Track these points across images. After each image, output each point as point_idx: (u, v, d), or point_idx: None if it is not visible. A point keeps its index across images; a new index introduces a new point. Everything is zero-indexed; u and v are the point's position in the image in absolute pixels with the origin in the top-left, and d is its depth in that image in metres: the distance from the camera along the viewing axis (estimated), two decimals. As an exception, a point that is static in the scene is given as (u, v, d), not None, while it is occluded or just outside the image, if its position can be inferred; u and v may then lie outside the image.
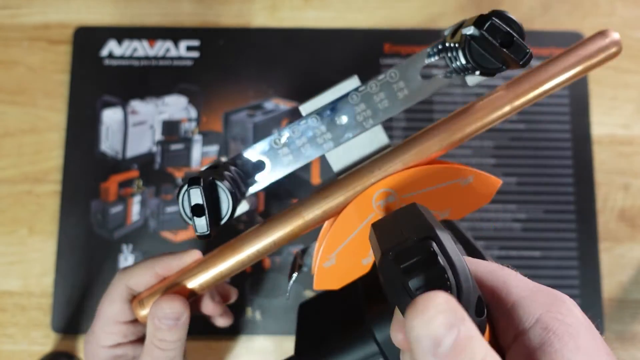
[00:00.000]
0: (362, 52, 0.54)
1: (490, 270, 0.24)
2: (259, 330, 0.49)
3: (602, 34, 0.33)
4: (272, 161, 0.33)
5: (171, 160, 0.52)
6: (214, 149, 0.53)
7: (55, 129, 0.53)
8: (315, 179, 0.52)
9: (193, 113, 0.53)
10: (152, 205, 0.51)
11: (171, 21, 0.55)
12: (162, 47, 0.54)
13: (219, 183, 0.29)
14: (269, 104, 0.53)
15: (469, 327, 0.18)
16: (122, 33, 0.54)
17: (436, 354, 0.18)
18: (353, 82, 0.33)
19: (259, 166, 0.33)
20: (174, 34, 0.55)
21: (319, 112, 0.33)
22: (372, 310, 0.27)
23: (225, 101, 0.53)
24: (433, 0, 0.56)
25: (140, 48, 0.54)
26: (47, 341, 0.49)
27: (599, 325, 0.49)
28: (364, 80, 0.33)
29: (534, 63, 0.54)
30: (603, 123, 0.53)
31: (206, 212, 0.28)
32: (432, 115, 0.53)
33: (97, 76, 0.54)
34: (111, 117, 0.53)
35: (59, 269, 0.50)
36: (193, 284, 0.34)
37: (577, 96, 0.53)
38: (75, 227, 0.51)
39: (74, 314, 0.50)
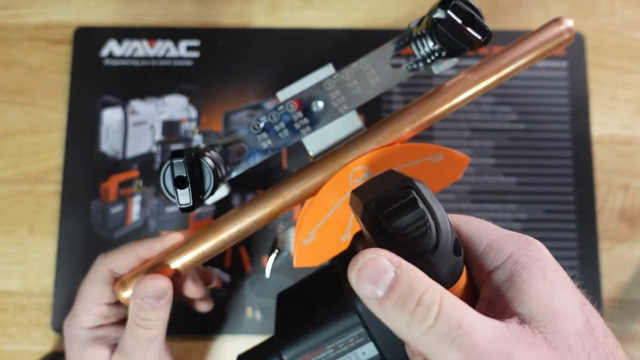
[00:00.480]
0: (362, 52, 0.54)
1: (465, 220, 0.26)
2: (259, 330, 0.49)
3: (557, 21, 0.37)
4: (251, 146, 0.34)
5: (171, 160, 0.52)
6: (214, 149, 0.53)
7: (55, 129, 0.53)
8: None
9: (193, 113, 0.53)
10: (152, 205, 0.51)
11: (171, 21, 0.55)
12: (162, 47, 0.54)
13: (202, 159, 0.30)
14: (269, 104, 0.53)
15: (407, 267, 0.21)
16: (122, 33, 0.54)
17: (375, 300, 0.21)
18: (328, 70, 0.35)
19: (239, 151, 0.34)
20: (174, 34, 0.55)
21: (296, 99, 0.34)
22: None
23: (225, 101, 0.53)
24: (433, 1, 0.56)
25: (140, 48, 0.54)
26: (47, 341, 0.49)
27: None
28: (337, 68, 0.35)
29: (537, 66, 0.54)
30: (603, 123, 0.53)
31: (189, 183, 0.29)
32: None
33: (97, 76, 0.54)
34: (111, 117, 0.53)
35: (59, 269, 0.50)
36: (176, 264, 0.34)
37: (577, 96, 0.53)
38: (76, 227, 0.51)
39: (74, 314, 0.49)
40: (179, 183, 0.29)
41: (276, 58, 0.54)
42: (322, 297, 0.34)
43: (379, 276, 0.21)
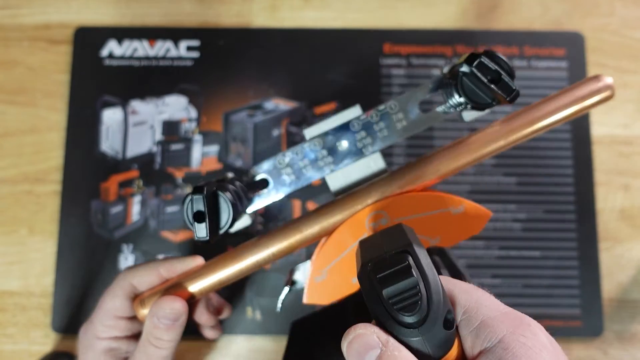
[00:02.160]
0: (362, 52, 0.54)
1: (466, 290, 0.25)
2: (259, 330, 0.49)
3: (595, 78, 0.35)
4: (275, 180, 0.35)
5: (171, 160, 0.52)
6: (214, 149, 0.53)
7: (55, 129, 0.53)
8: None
9: (193, 113, 0.53)
10: (152, 205, 0.51)
11: (171, 21, 0.55)
12: (162, 47, 0.54)
13: (221, 194, 0.31)
14: (269, 104, 0.53)
15: (393, 347, 0.22)
16: (122, 33, 0.54)
17: None
18: (355, 111, 0.35)
19: (263, 184, 0.35)
20: (174, 34, 0.55)
21: (321, 137, 0.34)
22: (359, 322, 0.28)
23: (225, 101, 0.53)
24: (433, 1, 0.56)
25: (141, 48, 0.54)
26: (47, 341, 0.49)
27: (599, 326, 0.50)
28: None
29: (538, 66, 0.54)
30: (603, 123, 0.53)
31: (207, 219, 0.30)
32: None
33: (97, 76, 0.54)
34: (111, 117, 0.53)
35: (59, 269, 0.50)
36: (193, 287, 0.35)
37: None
38: (76, 227, 0.51)
39: (74, 314, 0.50)
40: (198, 217, 0.30)
41: (276, 58, 0.54)
42: (331, 334, 0.34)
43: (366, 351, 0.22)
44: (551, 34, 0.55)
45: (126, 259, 0.50)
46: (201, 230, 0.30)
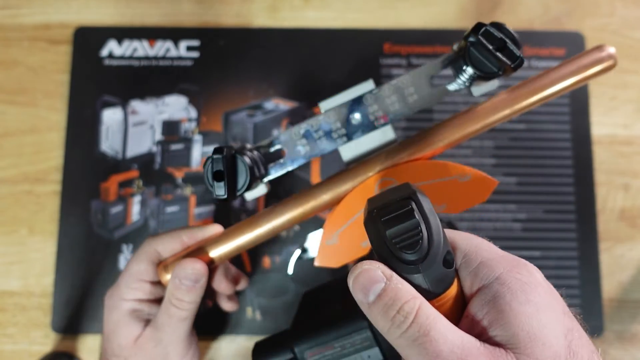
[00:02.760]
0: (362, 52, 0.54)
1: (466, 237, 0.27)
2: (259, 330, 0.49)
3: (599, 47, 0.36)
4: (290, 151, 0.36)
5: (171, 160, 0.52)
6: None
7: (55, 129, 0.53)
8: (316, 178, 0.52)
9: (193, 113, 0.53)
10: (152, 205, 0.51)
11: (171, 21, 0.55)
12: (162, 47, 0.54)
13: (239, 157, 0.33)
14: (269, 104, 0.53)
15: (396, 280, 0.24)
16: (122, 33, 0.54)
17: (365, 304, 0.24)
18: (368, 85, 0.36)
19: (279, 154, 0.37)
20: (174, 34, 0.55)
21: (335, 109, 0.36)
22: None
23: (225, 101, 0.53)
24: (433, 0, 0.56)
25: (140, 48, 0.54)
26: (47, 341, 0.49)
27: (599, 326, 0.49)
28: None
29: (538, 66, 0.54)
30: (603, 123, 0.53)
31: (225, 178, 0.32)
32: (431, 115, 0.53)
33: (97, 76, 0.54)
34: (111, 117, 0.53)
35: (59, 269, 0.50)
36: (214, 253, 0.38)
37: (577, 96, 0.53)
38: (76, 227, 0.51)
39: (74, 314, 0.50)
40: (217, 176, 0.32)
41: (276, 58, 0.54)
42: (338, 299, 0.36)
43: (371, 285, 0.24)
44: (551, 33, 0.55)
45: (126, 259, 0.50)
46: (220, 189, 0.32)
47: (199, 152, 0.53)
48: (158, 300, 0.40)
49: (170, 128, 0.53)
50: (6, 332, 0.50)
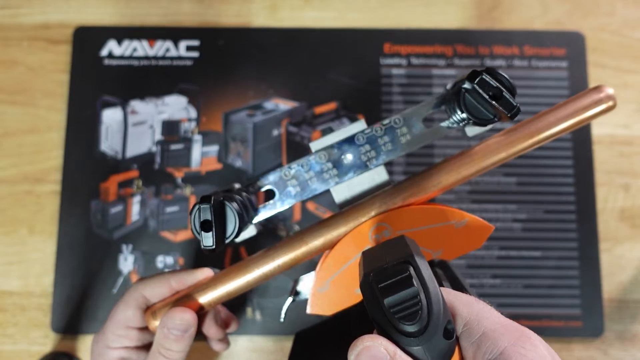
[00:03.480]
0: (362, 52, 0.54)
1: (467, 302, 0.25)
2: (259, 330, 0.49)
3: (597, 88, 0.35)
4: (280, 191, 0.36)
5: (171, 160, 0.52)
6: (213, 148, 0.53)
7: (55, 129, 0.53)
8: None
9: (193, 113, 0.53)
10: (151, 205, 0.51)
11: (171, 21, 0.55)
12: (162, 47, 0.54)
13: (227, 204, 0.32)
14: (269, 104, 0.53)
15: (400, 359, 0.22)
16: (122, 33, 0.54)
17: None
18: (360, 125, 0.35)
19: (269, 195, 0.36)
20: (174, 34, 0.55)
21: (327, 150, 0.35)
22: (361, 334, 0.28)
23: (225, 101, 0.53)
24: (433, 1, 0.56)
25: (140, 48, 0.54)
26: (47, 341, 0.49)
27: (600, 326, 0.49)
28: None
29: (538, 66, 0.54)
30: (603, 123, 0.53)
31: (213, 228, 0.31)
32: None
33: (97, 76, 0.54)
34: (111, 117, 0.53)
35: (59, 269, 0.50)
36: (203, 299, 0.36)
37: (577, 96, 0.53)
38: (75, 227, 0.51)
39: (73, 314, 0.49)
40: (205, 226, 0.31)
41: (276, 58, 0.54)
42: (334, 344, 0.35)
43: None
44: (551, 33, 0.55)
45: (126, 259, 0.50)
46: (208, 239, 0.31)
47: (198, 152, 0.53)
48: (146, 347, 0.39)
49: (170, 128, 0.53)
50: (6, 332, 0.50)
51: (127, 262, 0.50)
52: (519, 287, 0.50)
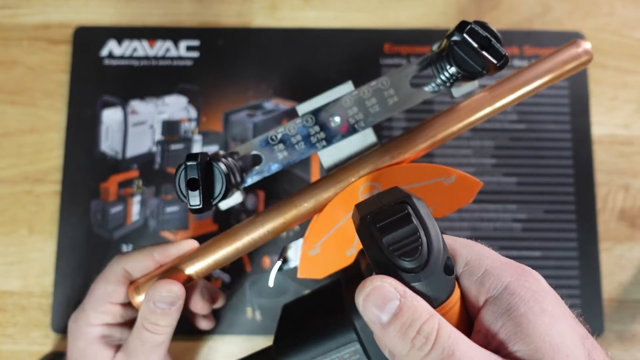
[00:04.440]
0: (362, 52, 0.54)
1: (466, 244, 0.26)
2: (259, 330, 0.49)
3: (574, 42, 0.37)
4: (267, 156, 0.35)
5: (171, 160, 0.52)
6: (214, 149, 0.53)
7: (55, 129, 0.53)
8: (315, 177, 0.52)
9: (193, 113, 0.53)
10: (152, 205, 0.51)
11: (171, 21, 0.55)
12: (162, 47, 0.54)
13: (214, 163, 0.31)
14: (269, 104, 0.53)
15: (411, 297, 0.22)
16: (122, 33, 0.54)
17: (379, 324, 0.22)
18: (347, 87, 0.35)
19: (256, 160, 0.35)
20: (174, 34, 0.55)
21: (314, 113, 0.34)
22: (352, 298, 0.28)
23: (225, 101, 0.53)
24: (433, 0, 0.56)
25: (140, 48, 0.54)
26: (47, 341, 0.49)
27: (600, 326, 0.49)
28: (358, 84, 0.35)
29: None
30: (603, 123, 0.53)
31: (200, 186, 0.30)
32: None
33: (97, 76, 0.54)
34: (111, 117, 0.53)
35: (59, 269, 0.50)
36: (189, 270, 0.35)
37: (577, 96, 0.53)
38: (75, 227, 0.51)
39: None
40: (191, 185, 0.30)
41: (276, 58, 0.54)
42: (323, 310, 0.34)
43: (385, 303, 0.22)
44: (551, 33, 0.55)
45: (126, 259, 0.50)
46: (194, 198, 0.30)
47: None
48: (129, 323, 0.37)
49: (170, 128, 0.53)
50: (6, 332, 0.50)
51: (127, 262, 0.50)
52: (519, 287, 0.50)
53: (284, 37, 0.55)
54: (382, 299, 0.22)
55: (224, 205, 0.34)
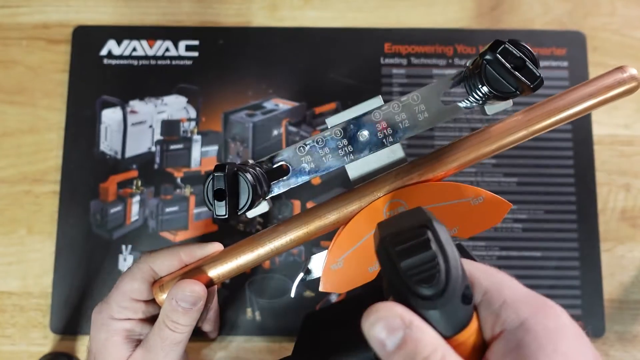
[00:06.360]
0: (362, 52, 0.54)
1: (487, 271, 0.25)
2: (258, 331, 0.49)
3: (620, 68, 0.34)
4: (294, 167, 0.35)
5: (170, 160, 0.52)
6: (213, 148, 0.52)
7: (54, 129, 0.53)
8: (316, 179, 0.52)
9: (192, 113, 0.53)
10: (151, 206, 0.51)
11: (170, 21, 0.55)
12: (161, 47, 0.54)
13: (241, 174, 0.32)
14: (269, 104, 0.53)
15: (417, 329, 0.21)
16: (121, 33, 0.54)
17: (383, 352, 0.22)
18: (377, 101, 0.35)
19: (282, 171, 0.35)
20: (173, 33, 0.54)
21: (343, 126, 0.34)
22: None
23: (225, 101, 0.53)
24: (433, 0, 0.56)
25: (140, 48, 0.54)
26: (46, 342, 0.49)
27: (601, 327, 0.49)
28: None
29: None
30: (604, 123, 0.53)
31: (226, 197, 0.31)
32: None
33: (97, 76, 0.53)
34: (110, 116, 0.53)
35: (58, 270, 0.50)
36: (212, 272, 0.36)
37: (577, 96, 0.53)
38: (74, 227, 0.51)
39: (72, 315, 0.49)
40: (218, 195, 0.31)
41: (276, 58, 0.54)
42: (344, 325, 0.34)
43: (389, 333, 0.22)
44: (552, 33, 0.55)
45: (125, 259, 0.50)
46: (220, 209, 0.31)
47: (198, 152, 0.52)
48: (151, 320, 0.38)
49: (170, 128, 0.53)
50: (5, 333, 0.49)
51: (126, 262, 0.50)
52: (519, 287, 0.50)
53: (284, 36, 0.54)
54: (387, 329, 0.22)
55: (251, 214, 0.34)
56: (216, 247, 0.37)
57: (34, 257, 0.51)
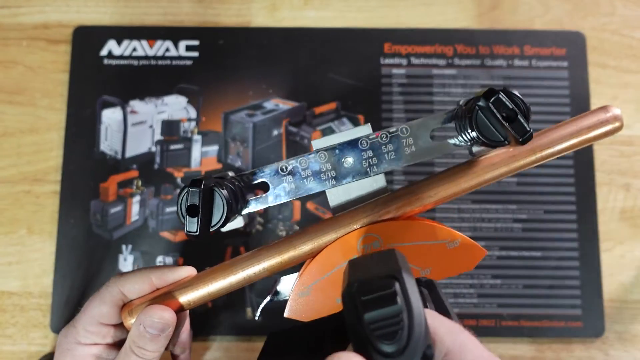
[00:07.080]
0: (362, 52, 0.54)
1: (451, 331, 0.24)
2: (258, 331, 0.49)
3: (604, 108, 0.34)
4: (274, 186, 0.34)
5: (171, 160, 0.52)
6: (213, 148, 0.53)
7: (54, 129, 0.53)
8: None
9: (192, 113, 0.53)
10: (151, 206, 0.51)
11: (170, 21, 0.55)
12: (161, 47, 0.54)
13: (217, 190, 0.31)
14: (269, 104, 0.53)
15: None
16: (121, 33, 0.54)
17: None
18: (365, 129, 0.34)
19: (262, 188, 0.35)
20: (174, 33, 0.54)
21: (328, 150, 0.34)
22: (334, 348, 0.28)
23: (225, 101, 0.53)
24: (433, 0, 0.56)
25: (140, 48, 0.54)
26: (46, 342, 0.49)
27: (600, 327, 0.49)
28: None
29: (539, 66, 0.54)
30: (604, 123, 0.53)
31: (199, 214, 0.30)
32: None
33: (97, 76, 0.54)
34: (110, 117, 0.53)
35: (58, 270, 0.50)
36: (183, 298, 0.35)
37: (577, 96, 0.53)
38: (75, 227, 0.51)
39: (72, 315, 0.49)
40: (191, 211, 0.30)
41: (276, 58, 0.54)
42: (306, 352, 0.34)
43: None
44: (552, 33, 0.55)
45: (125, 259, 0.50)
46: (192, 225, 0.30)
47: (198, 152, 0.52)
48: (119, 344, 0.37)
49: (170, 128, 0.53)
50: (5, 332, 0.50)
51: (126, 262, 0.50)
52: (519, 287, 0.50)
53: (284, 37, 0.54)
54: None
55: (224, 228, 0.34)
56: (188, 271, 0.36)
57: (35, 257, 0.51)
